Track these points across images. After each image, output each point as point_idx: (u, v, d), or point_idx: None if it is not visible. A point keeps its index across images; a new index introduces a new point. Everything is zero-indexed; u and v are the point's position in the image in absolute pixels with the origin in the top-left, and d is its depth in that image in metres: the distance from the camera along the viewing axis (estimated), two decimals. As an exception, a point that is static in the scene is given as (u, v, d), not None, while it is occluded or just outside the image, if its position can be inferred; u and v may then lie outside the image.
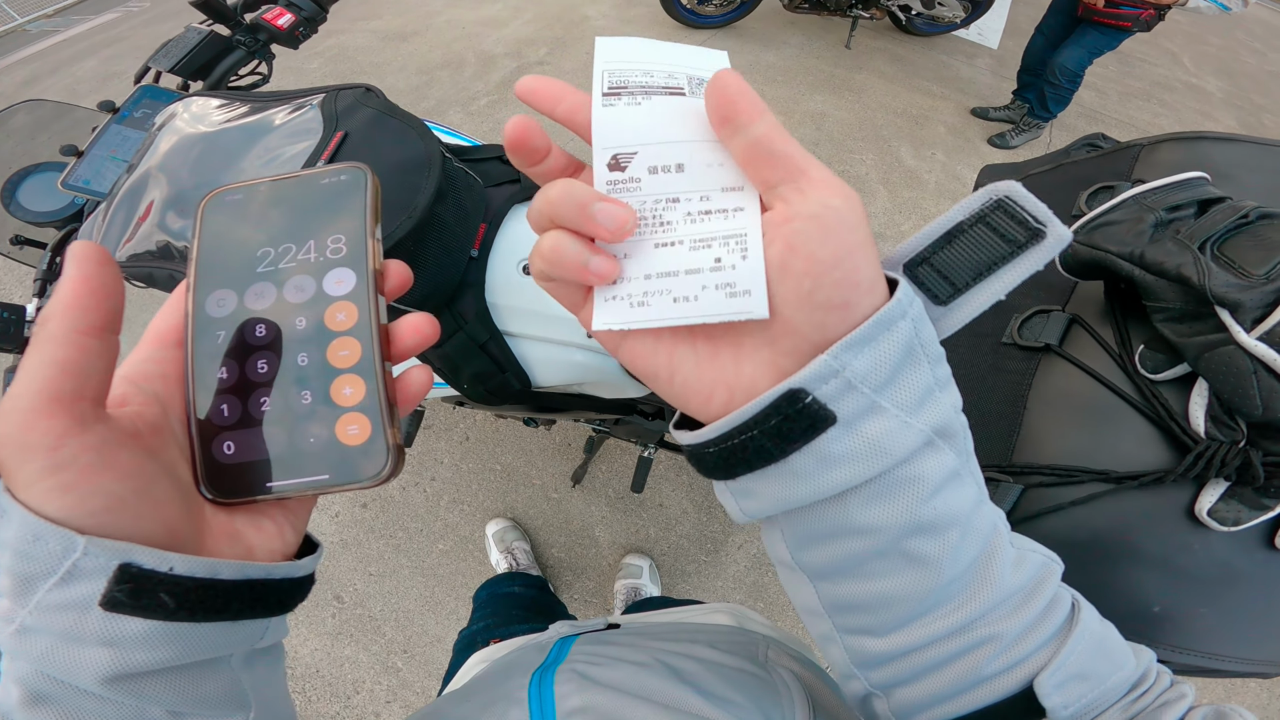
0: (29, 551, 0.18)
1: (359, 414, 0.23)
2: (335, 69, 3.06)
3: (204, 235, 0.25)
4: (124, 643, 0.19)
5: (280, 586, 0.23)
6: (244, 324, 0.24)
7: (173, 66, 0.77)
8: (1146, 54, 3.45)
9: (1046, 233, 0.20)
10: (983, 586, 0.23)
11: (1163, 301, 0.34)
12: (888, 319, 0.20)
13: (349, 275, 0.24)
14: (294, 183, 0.26)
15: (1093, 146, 0.56)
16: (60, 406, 0.18)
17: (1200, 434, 0.33)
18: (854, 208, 0.20)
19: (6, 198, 0.66)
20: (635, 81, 0.23)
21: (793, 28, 3.24)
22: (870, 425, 0.20)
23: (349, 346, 0.24)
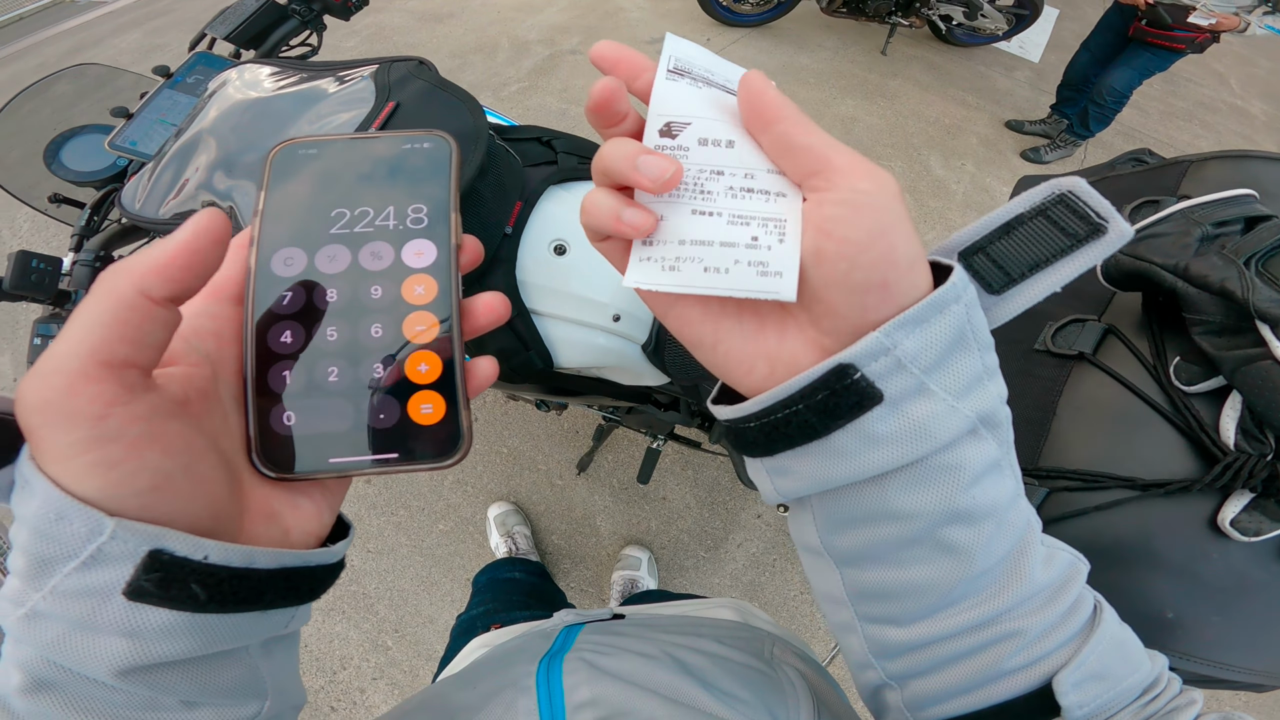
0: (50, 531, 0.17)
1: (434, 392, 0.22)
2: (372, 48, 3.09)
3: (272, 187, 0.23)
4: (145, 634, 0.18)
5: (314, 574, 0.22)
6: (314, 286, 0.22)
7: (228, 34, 0.78)
8: (1194, 74, 3.36)
9: (1108, 228, 0.20)
10: (1012, 581, 0.23)
11: (1203, 315, 0.35)
12: (941, 301, 0.19)
13: (430, 247, 0.23)
14: (374, 144, 0.24)
15: (1138, 161, 0.56)
16: (110, 371, 0.16)
17: (1229, 446, 0.34)
18: (884, 189, 0.20)
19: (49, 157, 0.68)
20: (698, 73, 0.23)
21: (828, 31, 3.21)
22: (917, 407, 0.20)
23: (426, 321, 0.22)
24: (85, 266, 0.58)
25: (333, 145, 0.24)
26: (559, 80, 2.86)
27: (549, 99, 2.77)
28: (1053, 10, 3.43)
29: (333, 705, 1.38)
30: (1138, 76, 2.33)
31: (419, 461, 0.22)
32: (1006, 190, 2.47)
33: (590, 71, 2.90)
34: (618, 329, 0.71)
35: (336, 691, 1.39)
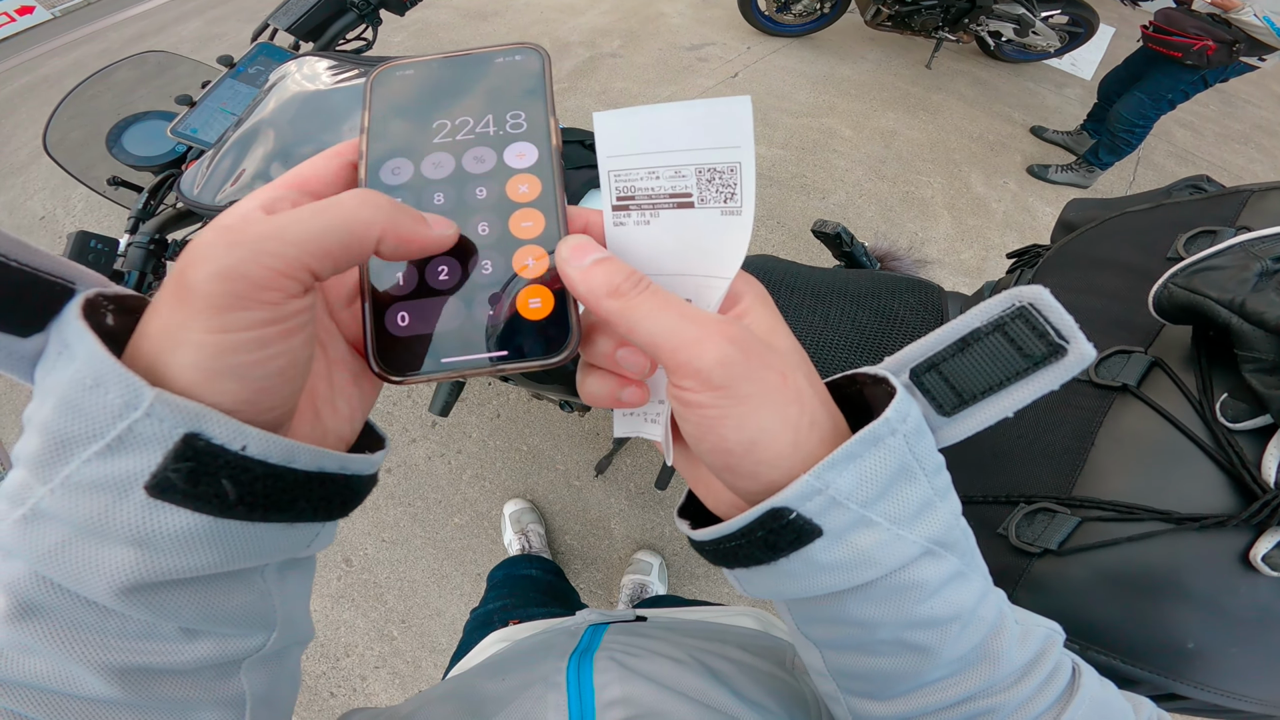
0: (79, 402, 0.15)
1: (542, 286, 0.22)
2: (418, 43, 3.16)
3: (374, 106, 0.24)
4: (157, 542, 0.16)
5: (349, 484, 0.20)
6: (422, 191, 0.23)
7: (290, 25, 0.81)
8: (1251, 95, 3.20)
9: (1068, 350, 0.19)
10: (985, 664, 0.23)
11: (1256, 352, 0.34)
12: (874, 436, 0.19)
13: (530, 149, 0.23)
14: (467, 59, 0.25)
15: (1196, 189, 0.54)
16: (303, 278, 0.17)
17: (1270, 484, 0.34)
18: (705, 382, 0.19)
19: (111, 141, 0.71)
20: (641, 189, 0.22)
21: (872, 44, 3.17)
22: (861, 537, 0.20)
23: (532, 218, 0.22)
24: (140, 249, 0.60)
25: (428, 64, 0.25)
26: (598, 82, 2.89)
27: (587, 100, 2.80)
28: (1109, 28, 3.33)
29: (332, 691, 1.40)
30: (1148, 102, 2.17)
31: (529, 358, 0.22)
32: (1050, 211, 2.38)
33: (628, 75, 2.91)
34: None
35: (338, 678, 1.41)
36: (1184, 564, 0.36)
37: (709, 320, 0.20)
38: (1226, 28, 1.89)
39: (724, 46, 3.07)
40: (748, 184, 0.22)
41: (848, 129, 2.66)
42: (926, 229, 2.28)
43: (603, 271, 0.20)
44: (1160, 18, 2.03)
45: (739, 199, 0.22)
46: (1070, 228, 0.62)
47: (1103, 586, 0.38)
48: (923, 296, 0.75)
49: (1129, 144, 2.30)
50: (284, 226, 0.17)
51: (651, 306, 0.20)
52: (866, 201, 2.37)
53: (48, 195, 2.66)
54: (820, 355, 0.72)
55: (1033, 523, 0.41)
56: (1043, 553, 0.40)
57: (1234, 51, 1.90)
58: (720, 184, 0.22)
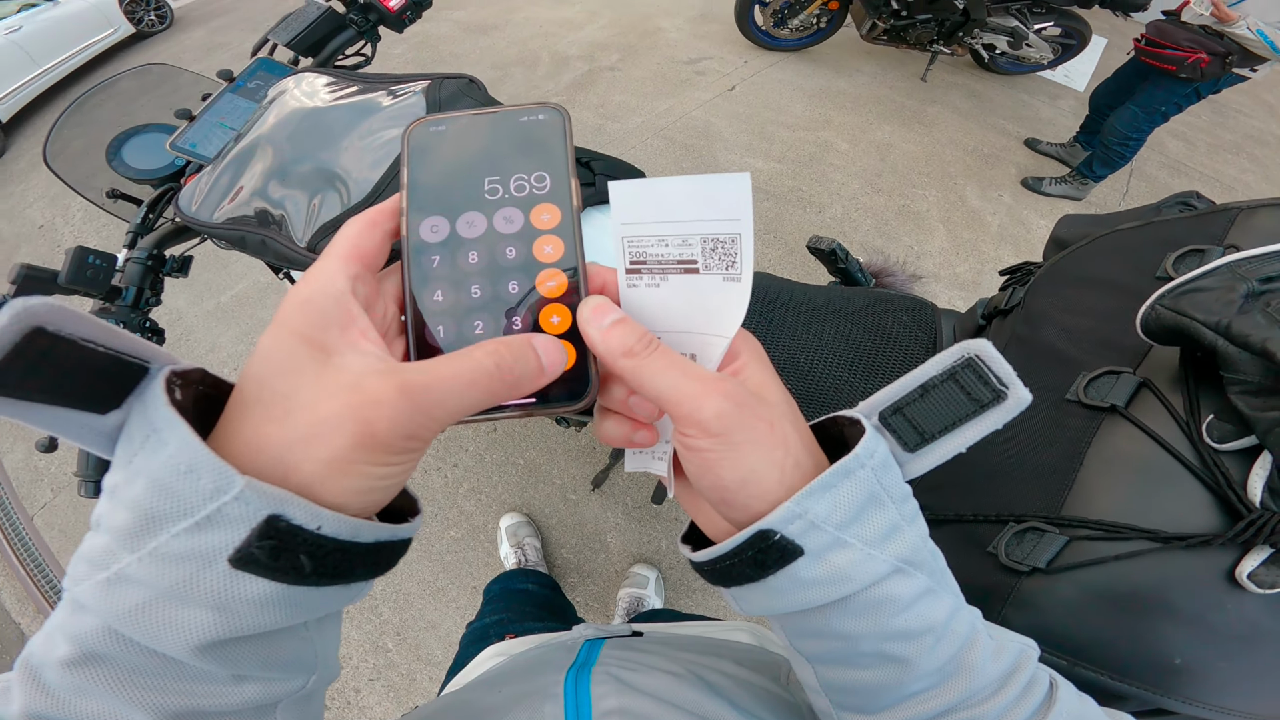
0: (173, 485, 0.17)
1: (566, 341, 0.24)
2: (418, 55, 3.19)
3: (412, 162, 0.26)
4: (237, 606, 0.17)
5: (396, 548, 0.22)
6: (457, 249, 0.25)
7: (290, 40, 0.82)
8: (1243, 105, 3.24)
9: (1008, 394, 0.22)
10: (962, 677, 0.24)
11: (1242, 374, 0.35)
12: (845, 469, 0.22)
13: (554, 210, 0.26)
14: (495, 118, 0.27)
15: (1186, 205, 0.54)
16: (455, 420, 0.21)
17: (1255, 503, 0.34)
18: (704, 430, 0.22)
19: (111, 153, 0.71)
20: (652, 254, 0.25)
21: (868, 57, 3.21)
22: (837, 556, 0.22)
23: (556, 278, 0.25)
24: (138, 264, 0.60)
25: (458, 121, 0.27)
26: (596, 95, 2.92)
27: (586, 113, 2.82)
28: (1100, 39, 3.36)
29: (326, 704, 1.38)
30: (1142, 115, 2.17)
31: (553, 404, 0.24)
32: (1044, 224, 2.40)
33: (626, 88, 2.94)
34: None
35: (332, 690, 1.40)
36: (1171, 582, 0.36)
37: (708, 378, 0.23)
38: (1219, 40, 1.89)
39: (721, 60, 3.11)
40: (747, 253, 0.24)
41: (844, 142, 2.68)
42: (922, 242, 2.30)
43: (618, 333, 0.23)
44: (1152, 30, 2.03)
45: (739, 267, 0.24)
46: (1062, 245, 0.63)
47: (1090, 604, 0.38)
48: (916, 314, 0.75)
49: (1122, 156, 2.30)
50: (444, 396, 0.20)
51: (659, 365, 0.23)
52: (862, 215, 2.38)
53: (47, 204, 2.66)
54: (815, 372, 0.72)
55: (1022, 541, 0.41)
56: (1031, 571, 0.40)
57: (1227, 63, 1.90)
58: (722, 253, 0.24)
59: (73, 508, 1.74)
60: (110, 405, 0.18)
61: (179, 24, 3.88)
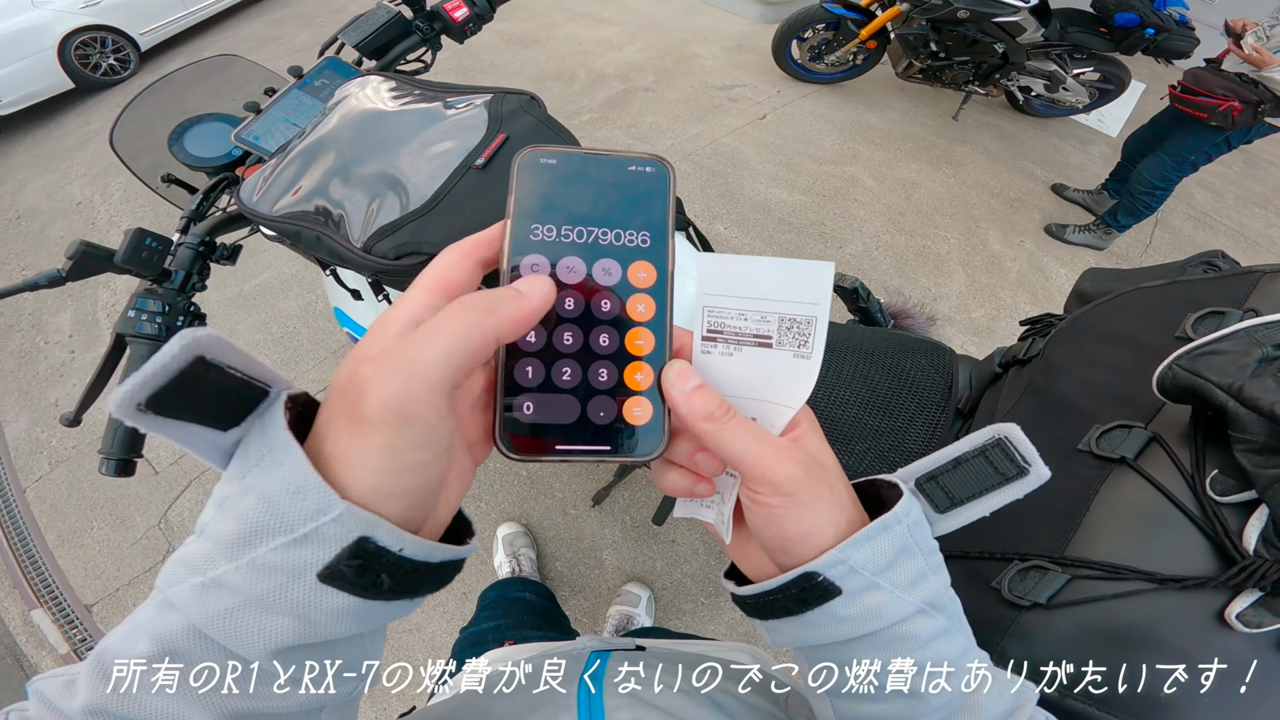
0: (281, 503, 0.18)
1: (645, 399, 0.26)
2: (460, 63, 3.28)
3: (519, 192, 0.26)
4: (317, 616, 0.19)
5: (456, 567, 0.24)
6: (557, 294, 0.25)
7: (359, 41, 0.85)
8: (1277, 156, 3.18)
9: (1030, 471, 0.26)
10: (968, 712, 0.27)
11: (1248, 434, 0.36)
12: (884, 525, 0.25)
13: (651, 269, 0.26)
14: (604, 161, 0.27)
15: (1211, 266, 0.55)
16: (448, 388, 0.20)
17: (1249, 551, 0.36)
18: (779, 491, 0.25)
19: (173, 140, 0.74)
20: (730, 326, 0.26)
21: (901, 94, 3.23)
22: (870, 598, 0.25)
23: (645, 337, 0.26)
24: (190, 249, 0.63)
25: (569, 157, 0.27)
26: (629, 115, 2.97)
27: (617, 132, 2.87)
28: (1139, 85, 3.34)
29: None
30: (1170, 164, 2.15)
31: (626, 454, 0.26)
32: (1065, 273, 2.39)
33: (659, 110, 2.99)
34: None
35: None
36: (1162, 620, 0.38)
37: (780, 444, 0.25)
38: (1254, 88, 1.88)
39: (754, 89, 3.16)
40: (819, 335, 0.26)
41: (870, 178, 2.70)
42: (940, 285, 2.29)
43: (701, 399, 0.25)
44: (1189, 78, 2.02)
45: (810, 346, 0.26)
46: (1085, 299, 0.63)
47: (1086, 638, 0.40)
48: (934, 359, 0.76)
49: (1148, 206, 2.29)
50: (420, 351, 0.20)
51: (737, 431, 0.25)
52: (883, 253, 2.39)
53: (88, 183, 2.76)
54: (831, 410, 0.73)
55: (1025, 578, 0.43)
56: (1032, 605, 0.42)
57: (1259, 113, 1.90)
58: (797, 332, 0.26)
59: (68, 483, 1.77)
60: (233, 424, 0.20)
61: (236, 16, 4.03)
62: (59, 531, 1.69)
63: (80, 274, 0.55)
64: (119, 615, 1.55)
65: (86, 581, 1.60)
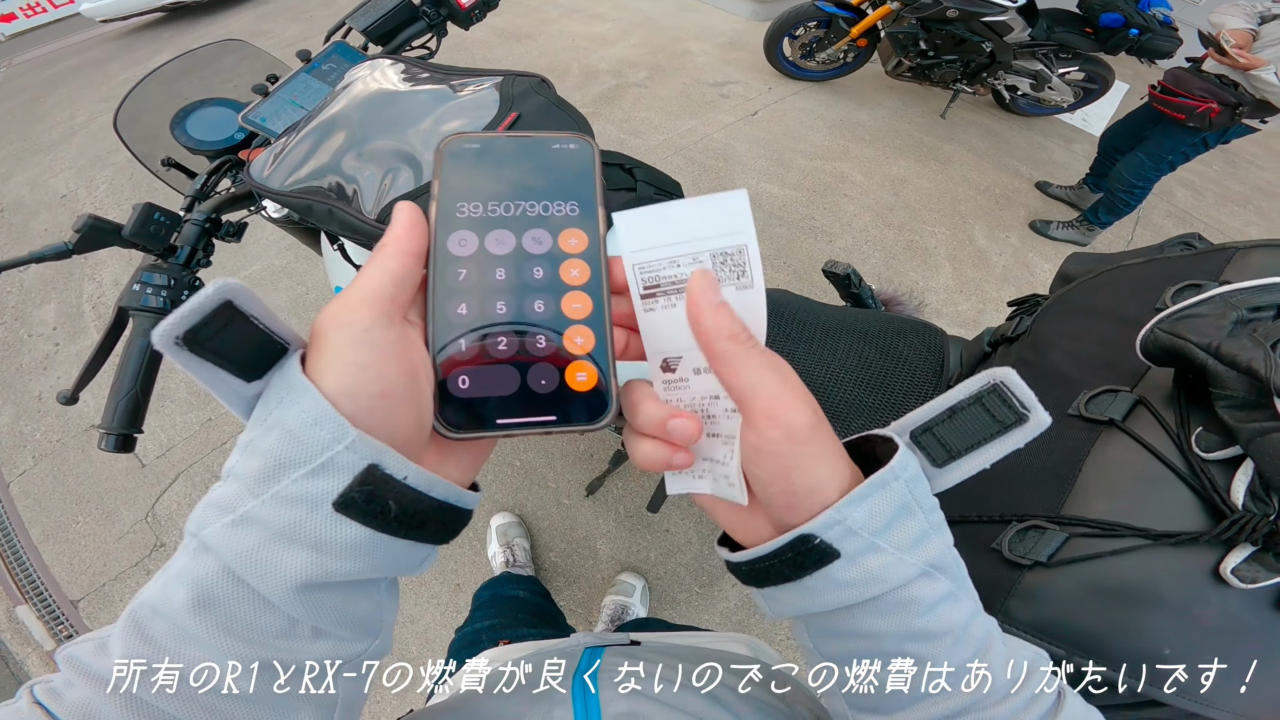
0: (302, 434, 0.20)
1: (588, 362, 0.25)
2: (453, 57, 3.23)
3: (445, 176, 0.26)
4: (331, 547, 0.20)
5: (458, 515, 0.25)
6: (485, 266, 0.25)
7: (366, 26, 0.85)
8: (1256, 155, 3.25)
9: (1029, 417, 0.24)
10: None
11: (1228, 390, 0.38)
12: (881, 481, 0.24)
13: (582, 235, 0.26)
14: (528, 142, 0.27)
15: (1186, 245, 0.58)
16: (379, 303, 0.22)
17: (1238, 506, 0.37)
18: (790, 437, 0.24)
19: (175, 124, 0.75)
20: (665, 277, 0.26)
21: (890, 92, 3.27)
22: (870, 560, 0.24)
23: (582, 300, 0.26)
24: (195, 226, 0.63)
25: (493, 141, 0.27)
26: (622, 110, 2.98)
27: (610, 127, 2.88)
28: (1123, 85, 3.39)
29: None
30: (1149, 163, 2.18)
31: (573, 424, 0.25)
32: (1049, 267, 2.43)
33: (651, 105, 3.01)
34: None
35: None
36: (1159, 576, 0.39)
37: (799, 387, 0.24)
38: (1233, 90, 1.91)
39: (746, 85, 3.18)
40: (755, 262, 0.25)
41: (859, 174, 2.73)
42: (928, 278, 2.33)
43: (726, 315, 0.24)
44: (1169, 78, 2.05)
45: (749, 275, 0.25)
46: (1069, 279, 0.66)
47: (1087, 597, 0.40)
48: (926, 338, 0.78)
49: (1128, 204, 2.33)
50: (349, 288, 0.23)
51: (759, 362, 0.24)
52: (872, 248, 2.42)
53: (73, 175, 2.72)
54: (827, 388, 0.75)
55: (1024, 538, 0.44)
56: (1033, 565, 0.43)
57: (1237, 114, 1.92)
58: (732, 264, 0.25)
59: (52, 477, 1.74)
60: (256, 375, 0.21)
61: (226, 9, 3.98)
62: (44, 526, 1.66)
63: (87, 246, 0.55)
64: (106, 611, 1.53)
65: (72, 577, 1.58)
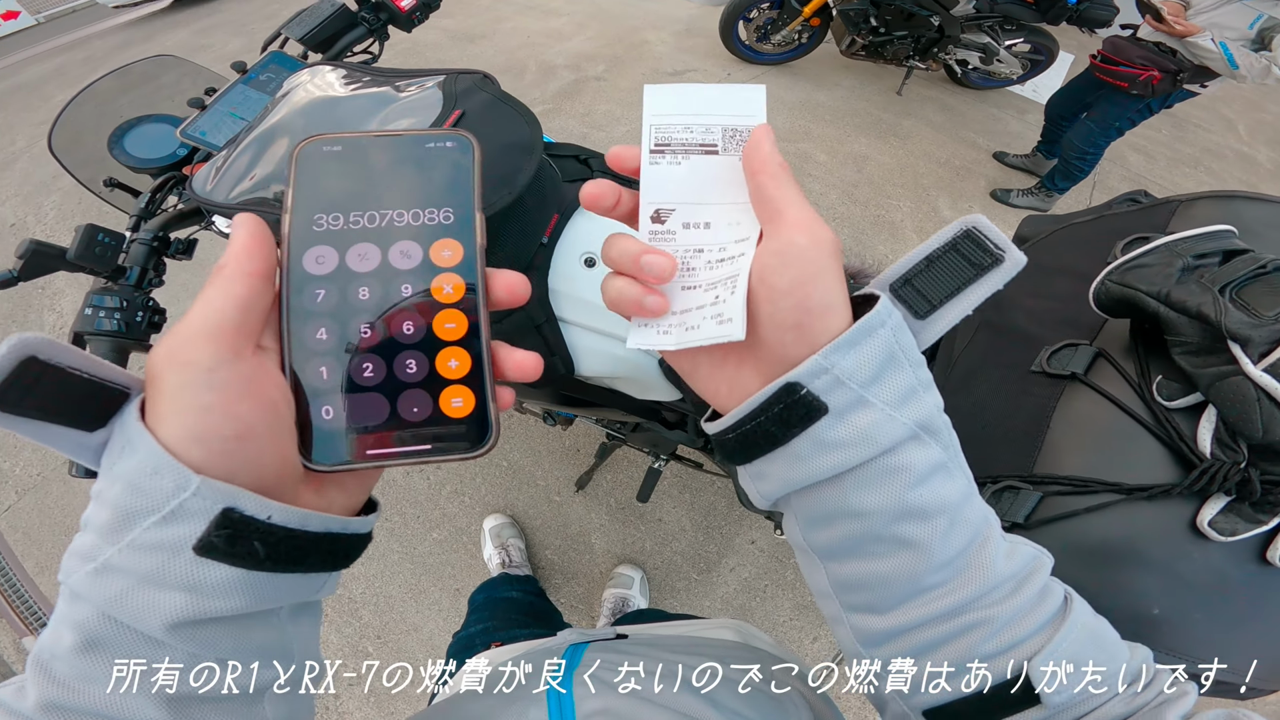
0: (143, 485, 0.19)
1: (464, 387, 0.23)
2: (405, 61, 3.20)
3: (300, 183, 0.24)
4: (204, 589, 0.20)
5: (349, 541, 0.24)
6: (346, 285, 0.23)
7: (303, 35, 0.83)
8: (1202, 119, 3.36)
9: (1005, 257, 0.24)
10: (975, 572, 0.25)
11: (1182, 336, 0.38)
12: (868, 327, 0.23)
13: (457, 247, 0.24)
14: (398, 141, 0.25)
15: (1133, 201, 0.59)
16: (223, 336, 0.20)
17: (1206, 454, 0.37)
18: (817, 244, 0.23)
19: (113, 143, 0.72)
20: (677, 139, 0.27)
21: (846, 71, 3.30)
22: (859, 416, 0.23)
23: (456, 319, 0.23)
24: (143, 245, 0.61)
25: (357, 142, 0.24)
26: (582, 104, 2.96)
27: (571, 122, 2.86)
28: (1068, 55, 3.47)
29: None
30: (1097, 130, 2.24)
31: (451, 453, 0.23)
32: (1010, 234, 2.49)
33: (612, 98, 2.99)
34: None
35: (308, 694, 1.38)
36: (1138, 533, 0.39)
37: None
38: (1171, 56, 1.96)
39: (704, 73, 3.18)
40: None
41: (822, 154, 2.76)
42: (897, 251, 2.36)
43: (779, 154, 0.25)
44: (1108, 47, 2.10)
45: None
46: (1023, 241, 0.68)
47: (1070, 557, 0.40)
48: None
49: (1081, 170, 2.40)
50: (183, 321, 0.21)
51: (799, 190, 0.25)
52: (839, 224, 2.45)
53: (19, 202, 2.60)
54: None
55: (999, 500, 0.44)
56: (1011, 527, 0.43)
57: (1178, 80, 1.97)
58: (739, 140, 0.27)
59: (38, 511, 1.69)
60: (97, 425, 0.20)
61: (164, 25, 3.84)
62: (36, 559, 1.62)
63: (33, 273, 0.53)
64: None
65: None
